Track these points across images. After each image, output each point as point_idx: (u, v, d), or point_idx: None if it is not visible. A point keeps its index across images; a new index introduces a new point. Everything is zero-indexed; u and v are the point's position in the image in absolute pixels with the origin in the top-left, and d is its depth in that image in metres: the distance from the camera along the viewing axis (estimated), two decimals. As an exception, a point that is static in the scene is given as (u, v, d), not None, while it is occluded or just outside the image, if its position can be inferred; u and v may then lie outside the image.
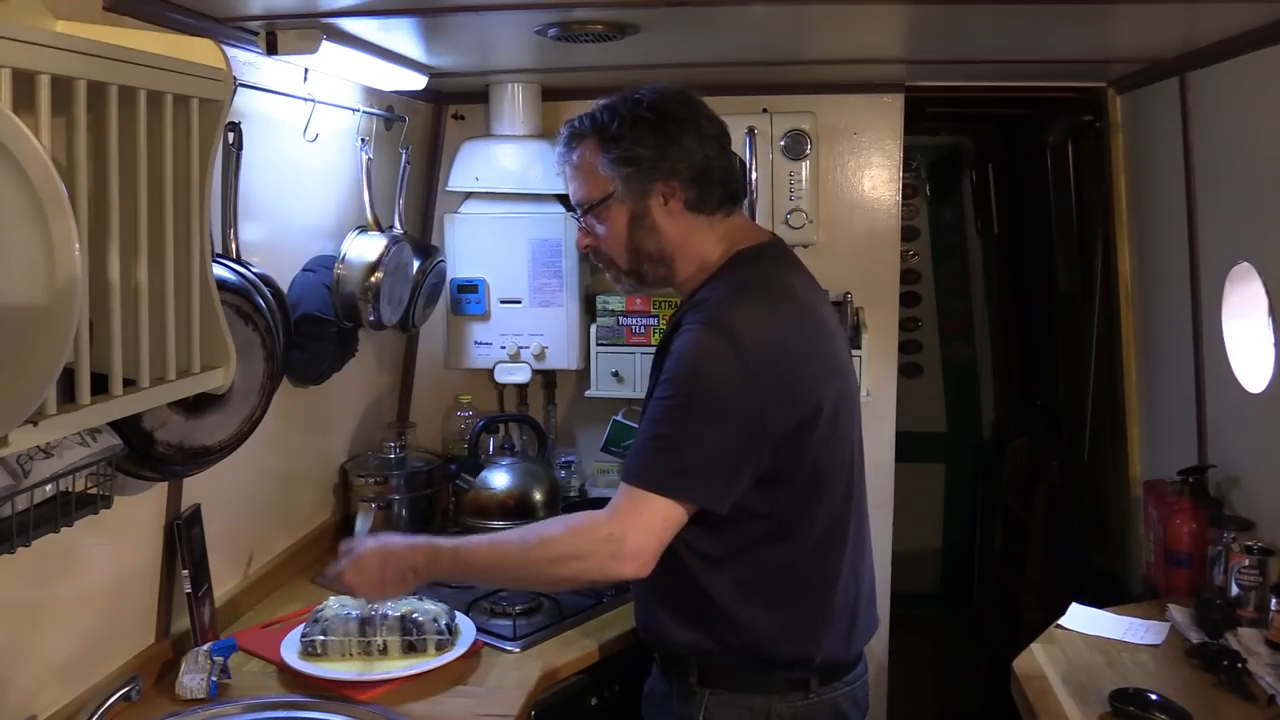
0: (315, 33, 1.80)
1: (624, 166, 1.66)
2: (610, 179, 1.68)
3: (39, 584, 1.54)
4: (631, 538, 1.54)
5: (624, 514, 1.55)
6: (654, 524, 1.54)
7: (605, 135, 1.67)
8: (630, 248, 1.71)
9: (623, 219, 1.69)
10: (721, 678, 1.69)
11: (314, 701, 1.74)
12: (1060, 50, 2.24)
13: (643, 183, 1.67)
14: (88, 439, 1.41)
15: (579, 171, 1.71)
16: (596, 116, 1.69)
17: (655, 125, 1.66)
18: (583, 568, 1.57)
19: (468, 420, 2.82)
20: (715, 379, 1.56)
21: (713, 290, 1.67)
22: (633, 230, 1.69)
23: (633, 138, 1.66)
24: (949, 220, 4.45)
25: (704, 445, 1.56)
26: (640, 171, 1.66)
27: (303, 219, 2.29)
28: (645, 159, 1.66)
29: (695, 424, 1.56)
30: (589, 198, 1.71)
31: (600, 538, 1.55)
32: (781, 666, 1.67)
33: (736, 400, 1.56)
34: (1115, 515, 2.85)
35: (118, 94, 1.20)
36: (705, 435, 1.56)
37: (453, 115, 2.82)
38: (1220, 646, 1.79)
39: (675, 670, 1.74)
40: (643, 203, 1.68)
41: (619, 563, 1.55)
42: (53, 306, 1.05)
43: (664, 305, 2.71)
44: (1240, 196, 2.08)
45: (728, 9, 1.79)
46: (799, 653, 1.67)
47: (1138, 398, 2.69)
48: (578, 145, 1.71)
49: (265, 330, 1.79)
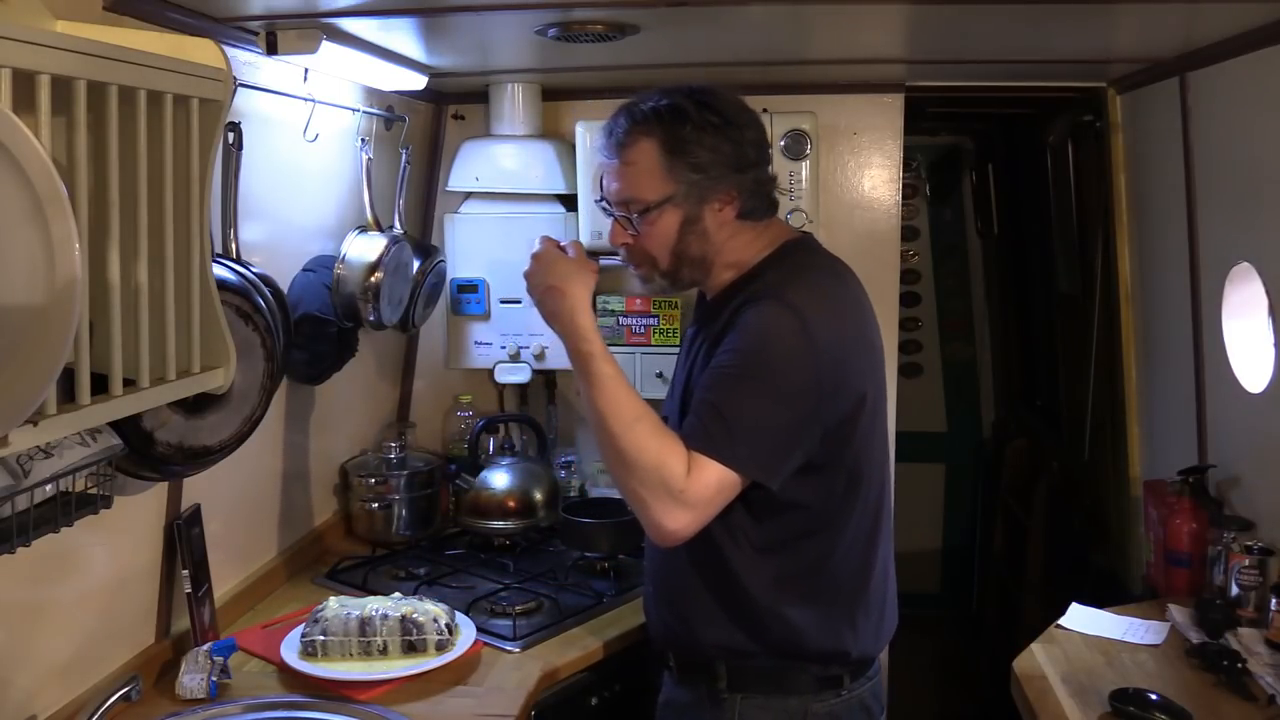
0: (315, 33, 1.80)
1: (692, 174, 1.60)
2: (671, 185, 1.61)
3: (39, 584, 1.54)
4: (689, 511, 1.52)
5: (696, 478, 1.52)
6: (710, 490, 1.52)
7: (674, 137, 1.60)
8: (675, 251, 1.65)
9: (674, 223, 1.63)
10: (753, 680, 1.67)
11: (314, 701, 1.74)
12: (1060, 50, 2.24)
13: (706, 191, 1.62)
14: (88, 439, 1.41)
15: (634, 169, 1.62)
16: (662, 114, 1.61)
17: (722, 130, 1.61)
18: (642, 498, 1.54)
19: (468, 420, 2.82)
20: (784, 354, 1.55)
21: (773, 273, 1.64)
22: (682, 235, 1.64)
23: (700, 142, 1.59)
24: (949, 220, 4.45)
25: (766, 418, 1.54)
26: (707, 180, 1.61)
27: (303, 219, 2.29)
28: (710, 166, 1.60)
29: (760, 396, 1.54)
30: (643, 199, 1.63)
31: (674, 488, 1.51)
32: (816, 663, 1.66)
33: (801, 377, 1.55)
34: (1115, 515, 2.85)
35: (118, 94, 1.20)
36: (768, 408, 1.54)
37: (453, 115, 2.82)
38: (1220, 646, 1.79)
39: (700, 676, 1.71)
40: (699, 209, 1.63)
41: (665, 518, 1.52)
42: (53, 306, 1.05)
43: (664, 305, 2.71)
44: (1240, 196, 2.08)
45: (728, 9, 1.79)
46: (835, 648, 1.66)
47: (1138, 398, 2.69)
48: (635, 142, 1.62)
49: (265, 330, 1.79)
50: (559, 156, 2.64)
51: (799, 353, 1.55)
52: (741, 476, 1.54)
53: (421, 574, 2.32)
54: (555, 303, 1.65)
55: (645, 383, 2.72)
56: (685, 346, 1.81)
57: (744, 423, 1.54)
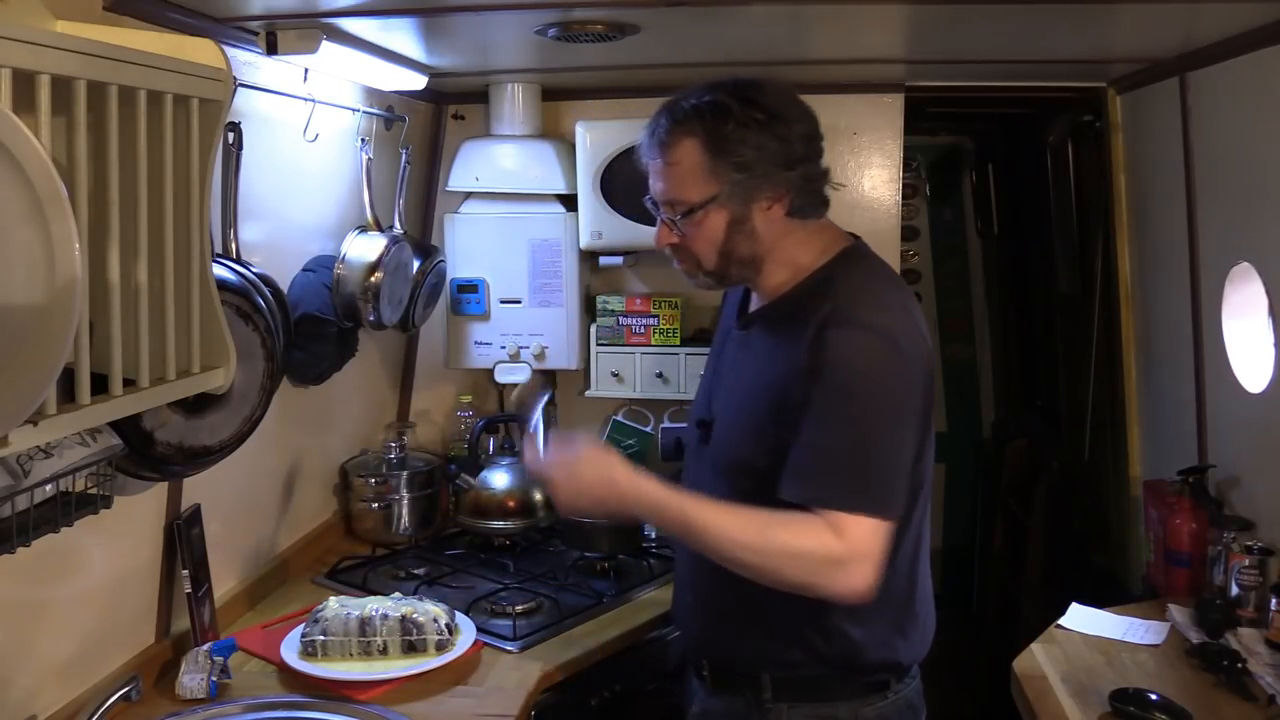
0: (315, 33, 1.80)
1: (736, 173, 1.55)
2: (715, 185, 1.56)
3: (39, 584, 1.54)
4: (864, 566, 1.47)
5: (855, 539, 1.46)
6: (870, 540, 1.47)
7: (717, 136, 1.54)
8: (723, 251, 1.60)
9: (721, 223, 1.58)
10: (800, 689, 1.63)
11: (314, 701, 1.74)
12: (1060, 50, 2.24)
13: (752, 190, 1.56)
14: (88, 439, 1.41)
15: (677, 170, 1.58)
16: (704, 112, 1.55)
17: (768, 127, 1.54)
18: (812, 581, 1.49)
19: (468, 420, 2.82)
20: (890, 385, 1.52)
21: (843, 286, 1.58)
22: (730, 235, 1.59)
23: (744, 140, 1.54)
24: (949, 220, 4.45)
25: (895, 456, 1.51)
26: (752, 179, 1.55)
27: (303, 219, 2.29)
28: (756, 165, 1.55)
29: (887, 438, 1.51)
30: (686, 199, 1.58)
31: (835, 560, 1.46)
32: (868, 671, 1.63)
33: (907, 403, 1.53)
34: (1115, 515, 2.85)
35: (118, 94, 1.20)
36: (893, 446, 1.51)
37: (453, 115, 2.82)
38: (1220, 646, 1.79)
39: (742, 685, 1.67)
40: (746, 208, 1.57)
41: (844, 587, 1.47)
42: (53, 306, 1.05)
43: (664, 305, 2.71)
44: (1240, 196, 2.08)
45: (728, 9, 1.79)
46: (887, 659, 1.63)
47: (1138, 398, 2.68)
48: (678, 141, 1.57)
49: (265, 330, 1.79)
50: (559, 156, 2.64)
51: (900, 378, 1.53)
52: (893, 522, 1.50)
53: (421, 574, 2.32)
54: (615, 499, 1.56)
55: (645, 383, 2.72)
56: (733, 345, 1.73)
57: (885, 469, 1.51)
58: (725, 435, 1.67)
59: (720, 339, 1.83)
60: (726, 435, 1.67)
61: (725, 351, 1.76)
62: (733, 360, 1.72)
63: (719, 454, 1.67)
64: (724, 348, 1.77)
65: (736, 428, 1.64)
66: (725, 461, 1.65)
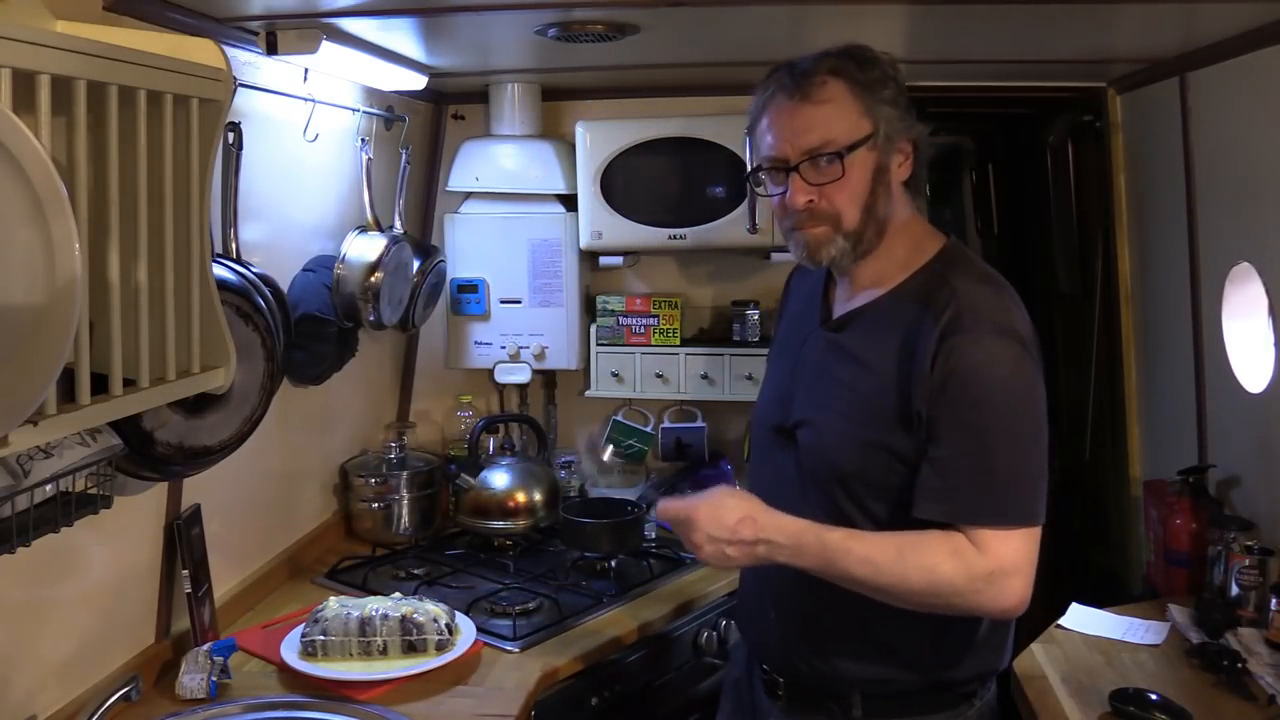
0: (315, 33, 1.80)
1: (890, 108, 1.50)
2: (870, 123, 1.49)
3: (39, 584, 1.54)
4: (1014, 579, 1.43)
5: (999, 552, 1.43)
6: (1028, 557, 1.44)
7: (866, 75, 1.49)
8: (866, 206, 1.51)
9: (868, 170, 1.50)
10: (893, 705, 1.57)
11: (314, 701, 1.74)
12: (1060, 50, 2.24)
13: (897, 135, 1.51)
14: (88, 439, 1.41)
15: (828, 110, 1.49)
16: (848, 53, 1.51)
17: (898, 80, 1.53)
18: (961, 603, 1.45)
19: (468, 420, 2.82)
20: (1031, 395, 1.47)
21: (962, 291, 1.50)
22: (874, 185, 1.51)
23: (886, 84, 1.51)
24: (949, 220, 4.43)
25: (1038, 464, 1.47)
26: (903, 120, 1.51)
27: (303, 219, 2.29)
28: (904, 107, 1.52)
29: (1029, 445, 1.47)
30: (838, 140, 1.48)
31: (981, 575, 1.42)
32: (964, 682, 1.59)
33: (1040, 406, 1.49)
34: (1115, 515, 2.85)
35: (118, 94, 1.20)
36: (1035, 454, 1.47)
37: (453, 115, 2.82)
38: (1220, 646, 1.79)
39: (828, 705, 1.60)
40: (888, 157, 1.51)
41: (998, 603, 1.44)
42: (53, 306, 1.05)
43: (664, 305, 2.71)
44: (1240, 196, 2.08)
45: (728, 9, 1.79)
46: (985, 666, 1.60)
47: (1138, 398, 2.68)
48: (826, 81, 1.49)
49: (265, 330, 1.79)
50: (559, 156, 2.65)
51: (1033, 381, 1.48)
52: (1037, 526, 1.47)
53: (421, 574, 2.32)
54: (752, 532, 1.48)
55: (645, 383, 2.72)
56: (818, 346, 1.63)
57: (1030, 477, 1.46)
58: (821, 443, 1.57)
59: (793, 339, 1.71)
60: (822, 443, 1.57)
61: (806, 353, 1.65)
62: (821, 363, 1.62)
63: (812, 462, 1.58)
64: (802, 348, 1.66)
65: (836, 435, 1.55)
66: (822, 470, 1.56)
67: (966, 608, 1.46)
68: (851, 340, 1.58)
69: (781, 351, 1.75)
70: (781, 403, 1.65)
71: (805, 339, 1.66)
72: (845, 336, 1.59)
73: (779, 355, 1.77)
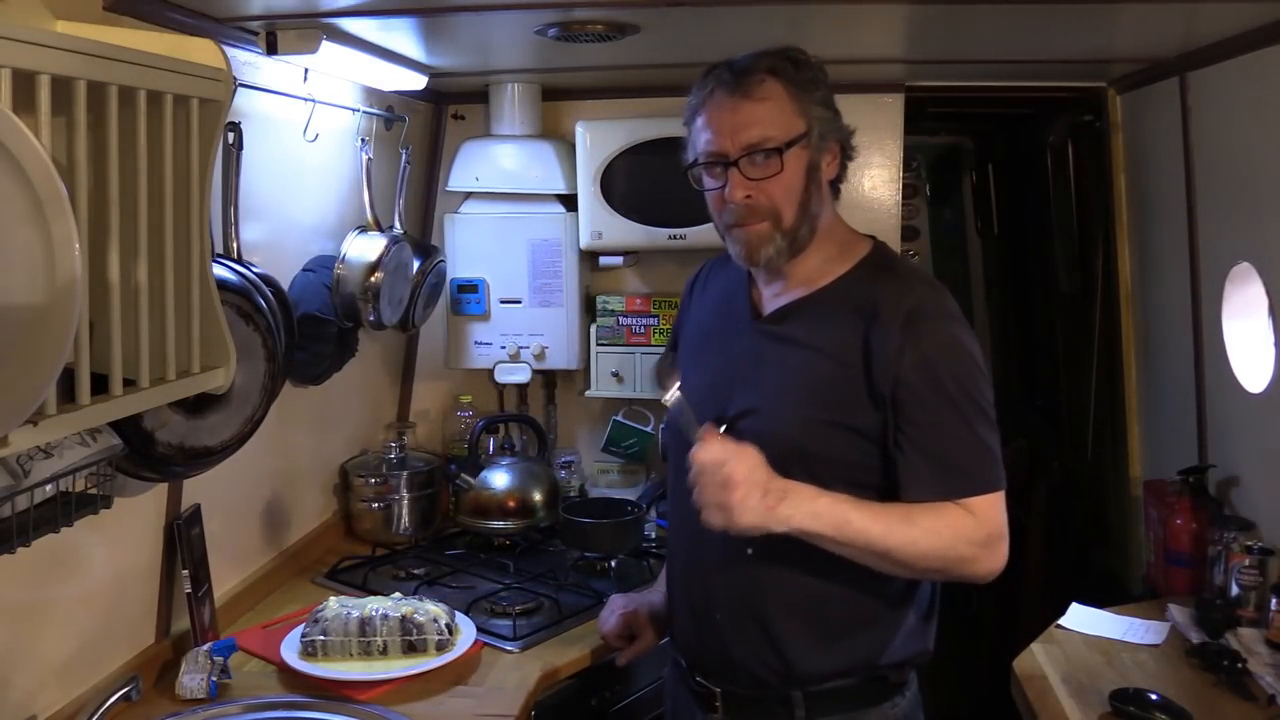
0: (315, 33, 1.80)
1: (824, 109, 1.56)
2: (804, 122, 1.54)
3: (39, 584, 1.54)
4: (1001, 545, 1.54)
5: (989, 519, 1.52)
6: (1001, 517, 1.54)
7: (801, 75, 1.55)
8: (801, 203, 1.56)
9: (803, 167, 1.55)
10: (833, 703, 1.60)
11: (314, 701, 1.74)
12: (1060, 50, 2.24)
13: (828, 135, 1.57)
14: (88, 439, 1.41)
15: (766, 107, 1.53)
16: (782, 54, 1.56)
17: (827, 82, 1.59)
18: (960, 569, 1.53)
19: (468, 420, 2.82)
20: (983, 371, 1.57)
21: (914, 282, 1.59)
22: (808, 182, 1.56)
23: (818, 85, 1.56)
24: (949, 220, 4.44)
25: (995, 431, 1.57)
26: (835, 121, 1.58)
27: (303, 219, 2.29)
28: (833, 109, 1.58)
29: (992, 416, 1.57)
30: (775, 136, 1.52)
31: (979, 541, 1.51)
32: (899, 668, 1.63)
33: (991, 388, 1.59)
34: (1115, 515, 2.85)
35: (118, 94, 1.20)
36: (993, 425, 1.57)
37: (453, 115, 2.82)
38: (1220, 646, 1.79)
39: (770, 709, 1.61)
40: (820, 156, 1.57)
41: (989, 566, 1.54)
42: (53, 306, 1.05)
43: (664, 305, 2.71)
44: (1240, 196, 2.08)
45: (728, 9, 1.79)
46: (920, 647, 1.65)
47: (1138, 398, 2.68)
48: (763, 80, 1.54)
49: (266, 330, 1.79)
50: (559, 156, 2.64)
51: (984, 364, 1.58)
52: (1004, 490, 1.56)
53: (421, 574, 2.32)
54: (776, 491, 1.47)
55: (645, 383, 2.72)
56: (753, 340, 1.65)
57: (994, 447, 1.56)
58: (772, 427, 1.57)
59: (716, 338, 1.72)
60: (774, 427, 1.57)
61: (739, 349, 1.67)
62: (760, 355, 1.63)
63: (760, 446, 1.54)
64: (733, 345, 1.68)
65: (791, 419, 1.56)
66: (778, 453, 1.53)
67: (964, 572, 1.53)
68: (797, 330, 1.61)
69: (702, 349, 1.75)
70: (715, 400, 1.64)
71: (735, 336, 1.69)
72: (789, 328, 1.62)
73: (701, 353, 1.75)
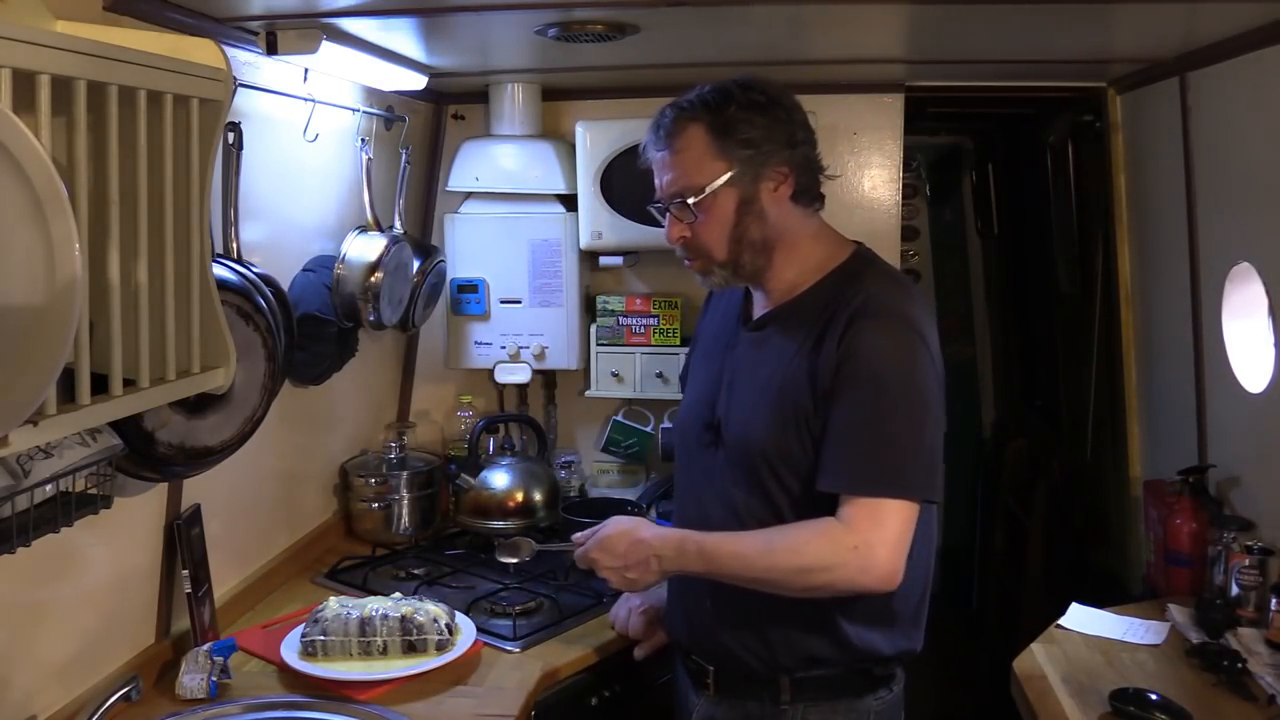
0: (315, 33, 1.80)
1: (742, 150, 1.61)
2: (725, 164, 1.61)
3: (39, 584, 1.54)
4: (879, 549, 1.51)
5: (866, 524, 1.52)
6: (897, 530, 1.52)
7: (720, 118, 1.60)
8: (734, 237, 1.63)
9: (730, 205, 1.62)
10: (818, 689, 1.65)
11: (314, 701, 1.74)
12: (1060, 50, 2.24)
13: (759, 167, 1.62)
14: (88, 439, 1.41)
15: (683, 157, 1.62)
16: (706, 99, 1.62)
17: (767, 108, 1.62)
18: (830, 579, 1.54)
19: (468, 420, 2.82)
20: (918, 374, 1.57)
21: (872, 283, 1.63)
22: (740, 217, 1.63)
23: (749, 120, 1.60)
24: (949, 220, 4.45)
25: (923, 441, 1.56)
26: (759, 155, 1.61)
27: (303, 219, 2.29)
28: (762, 142, 1.61)
29: (911, 421, 1.55)
30: (695, 185, 1.61)
31: (847, 548, 1.51)
32: (886, 663, 1.67)
33: (935, 394, 1.59)
34: (1115, 515, 2.85)
35: (118, 94, 1.20)
36: (921, 430, 1.56)
37: (453, 115, 2.82)
38: (1220, 646, 1.79)
39: (758, 691, 1.68)
40: (754, 187, 1.62)
41: (867, 574, 1.52)
42: (53, 306, 1.05)
43: (664, 305, 2.71)
44: (1240, 196, 2.08)
45: (728, 9, 1.79)
46: (906, 646, 1.67)
47: (1138, 398, 2.68)
48: (683, 130, 1.62)
49: (266, 330, 1.79)
50: (559, 156, 2.64)
51: (930, 370, 1.58)
52: (918, 503, 1.55)
53: (421, 574, 2.32)
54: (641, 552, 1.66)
55: (645, 383, 2.72)
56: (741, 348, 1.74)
57: (908, 452, 1.55)
58: (746, 431, 1.66)
59: (716, 346, 1.81)
60: (748, 431, 1.66)
61: (732, 356, 1.75)
62: (744, 362, 1.72)
63: (739, 449, 1.67)
64: (727, 353, 1.76)
65: (759, 422, 1.64)
66: (749, 455, 1.65)
67: (839, 583, 1.54)
68: (769, 336, 1.70)
69: (705, 358, 1.85)
70: (708, 403, 1.75)
71: (730, 344, 1.77)
72: (764, 334, 1.71)
73: (703, 361, 1.86)
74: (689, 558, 1.62)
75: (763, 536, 1.58)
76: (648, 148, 1.68)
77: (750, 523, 1.64)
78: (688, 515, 1.77)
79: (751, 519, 1.64)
